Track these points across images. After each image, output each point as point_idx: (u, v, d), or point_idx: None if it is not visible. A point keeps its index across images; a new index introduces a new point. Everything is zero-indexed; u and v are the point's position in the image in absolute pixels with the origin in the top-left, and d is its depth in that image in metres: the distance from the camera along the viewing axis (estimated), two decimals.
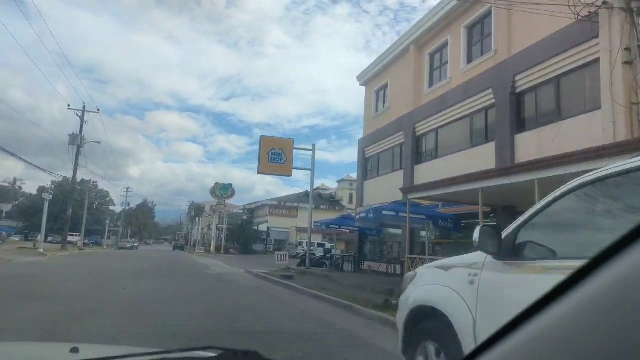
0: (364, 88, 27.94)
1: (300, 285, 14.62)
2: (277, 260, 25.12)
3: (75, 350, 1.66)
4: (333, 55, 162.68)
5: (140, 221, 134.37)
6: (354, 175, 34.82)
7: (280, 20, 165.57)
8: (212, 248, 54.94)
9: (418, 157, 20.44)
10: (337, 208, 66.40)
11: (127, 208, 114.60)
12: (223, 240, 56.24)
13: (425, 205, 17.31)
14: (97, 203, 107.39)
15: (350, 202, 66.34)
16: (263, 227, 63.74)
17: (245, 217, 69.64)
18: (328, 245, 49.21)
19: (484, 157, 15.07)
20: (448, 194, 13.57)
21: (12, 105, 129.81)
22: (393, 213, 16.23)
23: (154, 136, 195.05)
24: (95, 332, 6.36)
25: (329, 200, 68.25)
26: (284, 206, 64.58)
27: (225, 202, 57.43)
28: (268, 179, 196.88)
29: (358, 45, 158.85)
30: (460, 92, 17.19)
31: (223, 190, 56.72)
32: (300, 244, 53.06)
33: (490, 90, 15.52)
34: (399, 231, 20.57)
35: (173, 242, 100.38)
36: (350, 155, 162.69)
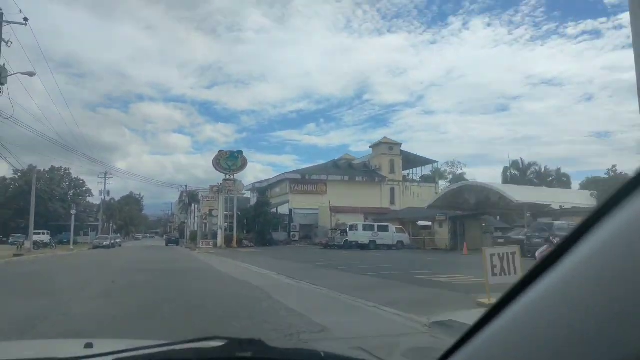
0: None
1: None
2: None
3: (89, 346, 1.67)
4: (314, 37, 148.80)
5: (126, 214, 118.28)
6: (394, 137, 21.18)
7: (258, 3, 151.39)
8: (220, 241, 40.07)
9: None
10: (377, 179, 51.66)
11: (107, 199, 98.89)
12: (235, 230, 41.32)
13: None
14: (71, 193, 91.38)
15: (392, 171, 51.70)
16: (283, 210, 48.88)
17: (256, 199, 54.75)
18: (393, 229, 34.78)
19: None
20: None
21: None
22: None
23: (139, 129, 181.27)
24: None
25: (363, 171, 53.39)
26: (309, 180, 49.63)
27: (234, 176, 42.38)
28: (258, 166, 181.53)
29: (339, 25, 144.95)
30: None
31: (231, 161, 41.65)
32: (340, 228, 38.48)
33: None
34: None
35: (165, 236, 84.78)
36: (339, 138, 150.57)
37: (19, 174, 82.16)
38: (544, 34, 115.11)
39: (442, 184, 55.94)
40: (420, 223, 40.01)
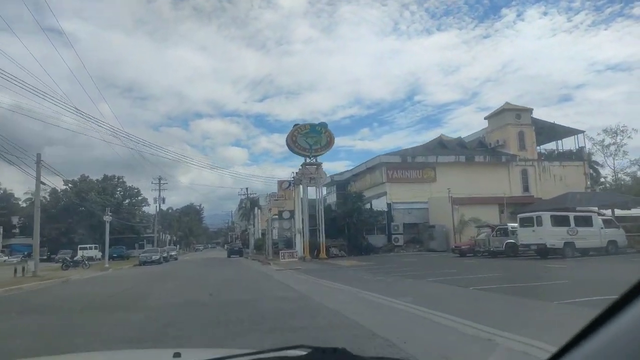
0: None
1: None
2: None
3: (177, 355, 1.68)
4: (362, 43, 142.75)
5: (185, 224, 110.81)
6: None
7: (304, 15, 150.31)
8: (303, 250, 28.06)
9: None
10: (504, 159, 37.81)
11: (165, 208, 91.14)
12: (322, 236, 29.20)
13: None
14: (126, 202, 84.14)
15: (522, 147, 37.77)
16: (377, 205, 36.25)
17: (334, 195, 42.62)
18: (599, 222, 20.91)
19: None
20: None
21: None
22: None
23: (198, 144, 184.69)
24: None
25: (483, 150, 39.66)
26: (413, 164, 36.69)
27: (318, 159, 30.33)
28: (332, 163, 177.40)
29: (386, 29, 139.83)
30: None
31: (312, 136, 29.65)
32: (499, 226, 25.13)
33: None
34: None
35: (227, 246, 74.68)
36: (392, 140, 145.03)
37: (70, 185, 75.79)
38: (608, 17, 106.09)
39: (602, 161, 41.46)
40: (603, 212, 25.97)
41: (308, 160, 29.94)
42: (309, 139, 29.42)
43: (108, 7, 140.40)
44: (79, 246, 56.05)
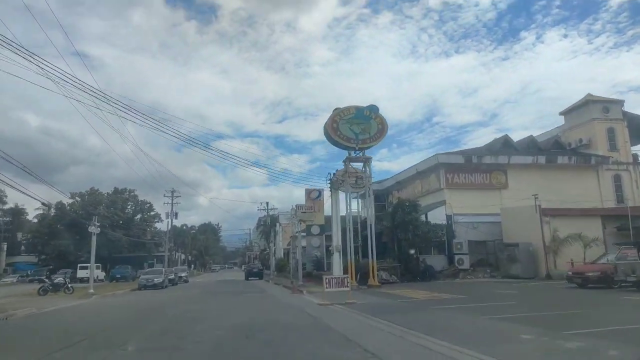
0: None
1: None
2: None
3: None
4: (380, 65, 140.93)
5: (201, 243, 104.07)
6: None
7: (323, 39, 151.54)
8: (351, 271, 20.62)
9: None
10: (593, 161, 30.06)
11: (178, 224, 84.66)
12: (372, 256, 21.78)
13: None
14: (138, 218, 78.04)
15: (613, 148, 30.09)
16: (434, 217, 28.69)
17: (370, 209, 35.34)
18: None
19: None
20: None
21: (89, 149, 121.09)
22: None
23: (218, 164, 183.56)
24: None
25: (563, 152, 31.98)
26: (478, 165, 29.23)
27: (365, 153, 23.09)
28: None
29: (404, 51, 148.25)
30: None
31: (358, 123, 22.51)
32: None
33: None
34: None
35: (244, 267, 67.22)
36: (411, 162, 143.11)
37: (77, 199, 70.11)
38: (630, 39, 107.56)
39: None
40: None
41: (352, 154, 22.76)
42: (355, 126, 22.30)
43: (134, 32, 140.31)
44: (79, 265, 49.69)
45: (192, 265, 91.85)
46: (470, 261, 27.32)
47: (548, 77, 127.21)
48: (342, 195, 24.14)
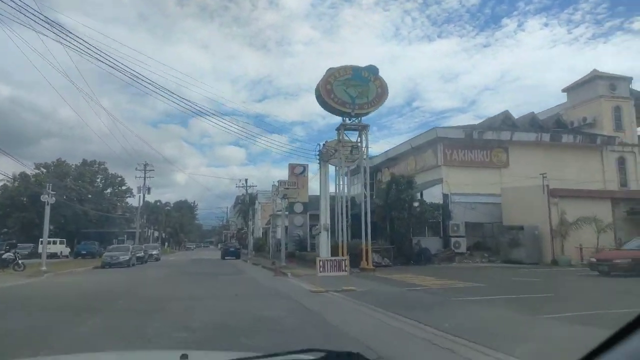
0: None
1: None
2: None
3: (185, 357, 1.64)
4: (363, 47, 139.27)
5: (176, 220, 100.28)
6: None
7: (306, 17, 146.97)
8: (343, 253, 18.20)
9: None
10: (599, 141, 28.18)
11: (152, 200, 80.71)
12: (368, 234, 19.39)
13: None
14: (108, 192, 73.87)
15: (619, 128, 28.29)
16: (429, 196, 26.37)
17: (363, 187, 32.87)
18: None
19: None
20: None
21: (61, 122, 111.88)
22: None
23: (196, 142, 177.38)
24: None
25: (567, 130, 29.98)
26: (478, 142, 26.95)
27: (362, 120, 20.39)
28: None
29: (387, 34, 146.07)
30: None
31: (355, 86, 19.71)
32: None
33: None
34: None
35: (221, 245, 64.24)
36: (390, 146, 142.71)
37: (42, 169, 65.48)
38: (607, 31, 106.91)
39: None
40: None
41: (347, 121, 20.07)
42: (351, 88, 19.53)
43: (110, 1, 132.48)
44: (40, 240, 45.86)
45: (166, 243, 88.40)
46: (467, 244, 25.28)
47: (528, 65, 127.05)
48: (331, 172, 21.63)
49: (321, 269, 12.54)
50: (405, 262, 22.84)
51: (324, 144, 23.48)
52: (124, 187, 74.41)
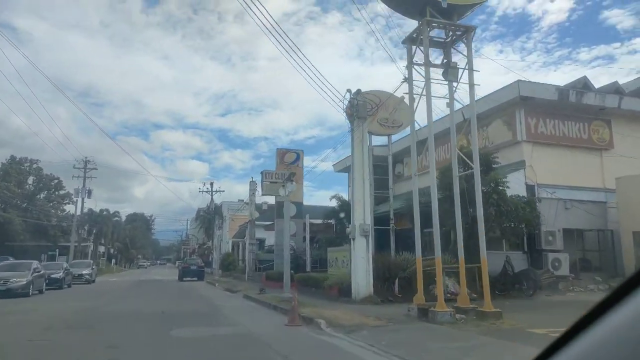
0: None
1: None
2: None
3: None
4: (327, 65, 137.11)
5: (126, 233, 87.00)
6: None
7: (271, 33, 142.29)
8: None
9: None
10: None
11: (96, 210, 67.66)
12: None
13: None
14: (42, 197, 61.07)
15: None
16: (511, 185, 16.95)
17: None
18: None
19: None
20: None
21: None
22: None
23: (158, 155, 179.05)
24: None
25: None
26: (578, 107, 17.98)
27: (460, 21, 11.09)
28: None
29: (351, 53, 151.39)
30: None
31: None
32: None
33: None
34: None
35: (179, 263, 52.28)
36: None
37: None
38: (557, 60, 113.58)
39: None
40: None
41: (433, 16, 10.52)
42: None
43: (70, 6, 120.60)
44: None
45: (114, 260, 75.28)
46: (570, 262, 16.17)
47: (482, 90, 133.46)
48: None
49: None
50: (504, 291, 13.48)
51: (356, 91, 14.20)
52: (62, 192, 61.98)
